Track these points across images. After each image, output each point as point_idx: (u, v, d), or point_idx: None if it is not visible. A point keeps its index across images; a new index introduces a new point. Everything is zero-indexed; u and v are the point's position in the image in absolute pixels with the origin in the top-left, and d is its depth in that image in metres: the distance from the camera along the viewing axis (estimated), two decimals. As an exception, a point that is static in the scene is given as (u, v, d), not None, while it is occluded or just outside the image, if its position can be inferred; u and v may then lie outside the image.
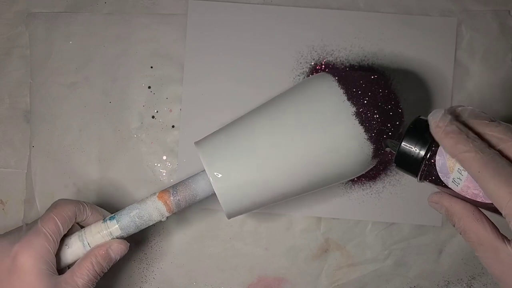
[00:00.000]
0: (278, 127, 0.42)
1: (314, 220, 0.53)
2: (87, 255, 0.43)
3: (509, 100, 0.52)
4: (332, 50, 0.52)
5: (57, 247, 0.42)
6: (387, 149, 0.42)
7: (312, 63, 0.52)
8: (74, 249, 0.43)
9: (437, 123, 0.35)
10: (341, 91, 0.42)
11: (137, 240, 0.53)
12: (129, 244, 0.44)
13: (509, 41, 0.52)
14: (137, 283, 0.53)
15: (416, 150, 0.36)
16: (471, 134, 0.34)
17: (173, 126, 0.53)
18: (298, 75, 0.52)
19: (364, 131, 0.41)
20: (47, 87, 0.53)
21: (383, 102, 0.42)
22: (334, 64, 0.52)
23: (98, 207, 0.46)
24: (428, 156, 0.36)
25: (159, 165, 0.53)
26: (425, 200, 0.52)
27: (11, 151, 0.53)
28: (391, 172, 0.52)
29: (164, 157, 0.53)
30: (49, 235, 0.41)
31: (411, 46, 0.52)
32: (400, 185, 0.52)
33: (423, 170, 0.37)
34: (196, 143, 0.44)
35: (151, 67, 0.53)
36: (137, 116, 0.53)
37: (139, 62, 0.53)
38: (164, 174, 0.53)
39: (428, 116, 0.36)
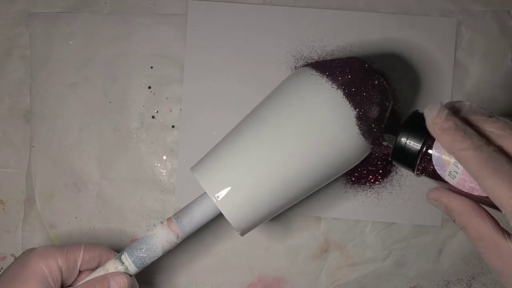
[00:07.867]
0: (269, 132, 0.41)
1: (314, 220, 0.53)
2: (90, 280, 0.42)
3: (509, 100, 0.52)
4: (332, 50, 0.52)
5: (69, 268, 0.43)
6: (385, 143, 0.42)
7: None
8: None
9: (433, 119, 0.34)
10: (320, 76, 0.42)
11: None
12: (137, 284, 0.45)
13: (509, 41, 0.52)
14: (137, 283, 0.53)
15: (412, 144, 0.36)
16: (468, 130, 0.33)
17: (173, 126, 0.53)
18: (298, 75, 0.52)
19: (353, 107, 0.41)
20: (47, 87, 0.53)
21: (364, 78, 0.42)
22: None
23: None
24: (424, 150, 0.36)
25: (159, 165, 0.53)
26: (424, 200, 0.52)
27: (11, 151, 0.54)
28: (390, 172, 0.52)
29: (164, 157, 0.53)
30: (65, 251, 0.42)
31: (411, 46, 0.52)
32: (400, 185, 0.52)
33: (420, 164, 0.37)
34: (192, 168, 0.43)
35: (151, 67, 0.53)
36: (137, 116, 0.53)
37: (139, 62, 0.53)
38: (164, 174, 0.53)
39: (424, 111, 0.35)
